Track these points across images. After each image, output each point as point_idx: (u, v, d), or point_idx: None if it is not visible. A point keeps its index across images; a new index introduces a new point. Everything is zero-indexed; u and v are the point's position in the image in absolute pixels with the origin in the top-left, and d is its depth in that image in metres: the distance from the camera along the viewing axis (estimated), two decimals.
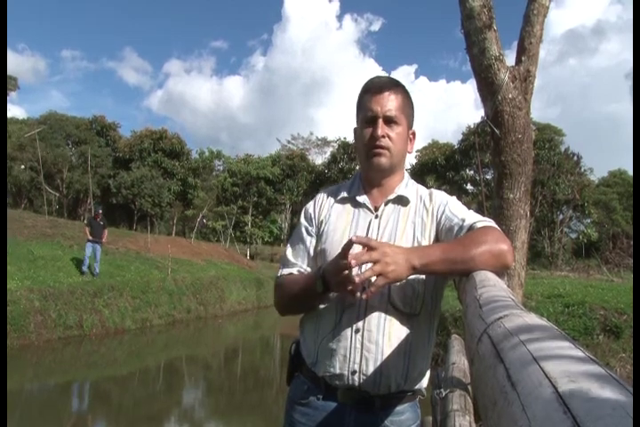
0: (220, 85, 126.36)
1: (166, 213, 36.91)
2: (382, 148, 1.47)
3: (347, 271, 1.27)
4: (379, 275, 1.22)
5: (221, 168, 46.18)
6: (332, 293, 1.39)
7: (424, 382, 1.55)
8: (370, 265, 1.24)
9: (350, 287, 1.29)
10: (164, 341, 14.15)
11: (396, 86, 1.51)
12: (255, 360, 13.49)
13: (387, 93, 1.48)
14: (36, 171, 30.00)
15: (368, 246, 1.25)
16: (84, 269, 13.92)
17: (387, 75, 1.78)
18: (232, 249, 30.03)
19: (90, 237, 14.04)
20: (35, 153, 27.31)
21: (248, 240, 38.76)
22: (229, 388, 10.33)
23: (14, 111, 65.18)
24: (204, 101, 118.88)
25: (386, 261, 1.22)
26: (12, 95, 38.01)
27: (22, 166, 31.59)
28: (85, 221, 15.33)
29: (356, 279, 1.24)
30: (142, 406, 8.51)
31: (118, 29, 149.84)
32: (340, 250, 1.44)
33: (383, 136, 1.46)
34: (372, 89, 1.50)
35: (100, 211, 15.08)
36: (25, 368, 9.92)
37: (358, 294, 1.29)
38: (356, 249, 1.29)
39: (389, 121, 1.47)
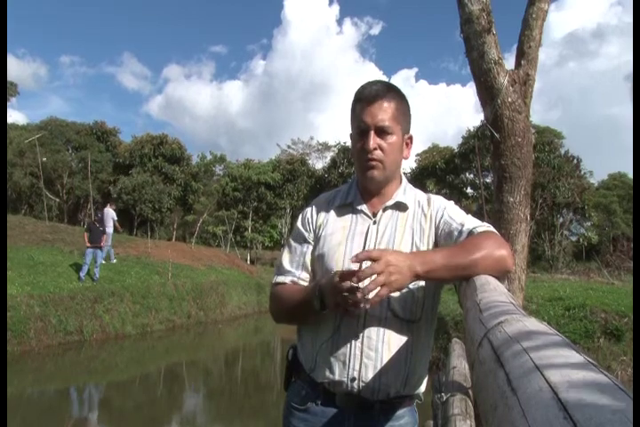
0: (219, 90, 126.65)
1: (166, 218, 36.84)
2: (374, 160, 1.46)
3: (345, 293, 1.25)
4: (382, 285, 1.20)
5: (222, 173, 46.19)
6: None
7: (422, 387, 1.55)
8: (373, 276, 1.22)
9: (350, 304, 1.27)
10: (164, 346, 14.11)
11: (388, 93, 1.47)
12: (256, 365, 13.46)
13: (378, 103, 1.45)
14: (36, 176, 30.00)
15: (370, 259, 1.23)
16: (82, 275, 13.80)
17: (383, 79, 1.76)
18: (232, 254, 30.00)
19: (88, 244, 13.95)
20: (35, 159, 27.33)
21: (248, 245, 38.71)
22: (231, 393, 10.31)
23: (15, 117, 65.29)
24: (204, 106, 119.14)
25: (389, 270, 1.20)
26: (12, 101, 38.04)
27: (22, 172, 31.59)
28: (85, 227, 15.34)
29: (359, 295, 1.23)
30: (145, 412, 8.49)
31: (117, 34, 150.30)
32: (337, 255, 1.45)
33: (375, 149, 1.44)
34: (364, 98, 1.47)
35: (100, 215, 15.09)
36: (25, 374, 9.89)
37: (362, 305, 1.26)
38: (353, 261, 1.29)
39: (382, 132, 1.45)
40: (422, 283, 1.41)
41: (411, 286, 1.37)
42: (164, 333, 14.74)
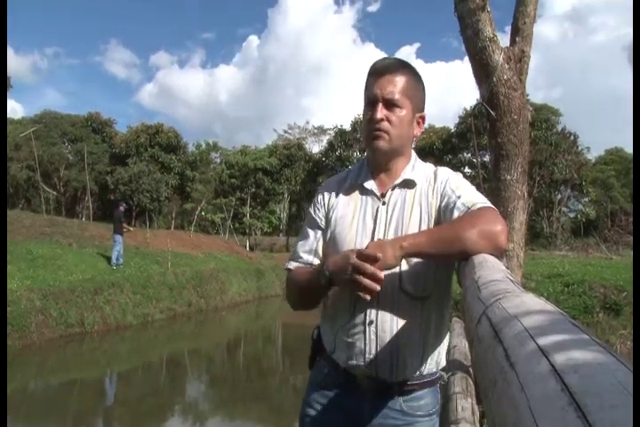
0: (211, 77, 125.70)
1: (164, 207, 36.80)
2: (380, 131, 1.46)
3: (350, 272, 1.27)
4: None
5: (219, 160, 46.11)
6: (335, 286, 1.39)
7: (442, 364, 1.56)
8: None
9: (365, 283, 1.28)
10: (166, 335, 14.19)
11: (401, 68, 1.48)
12: (259, 351, 13.56)
13: (389, 76, 1.46)
14: (32, 170, 29.95)
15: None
16: (121, 261, 15.10)
17: (393, 57, 1.77)
18: (231, 241, 30.04)
19: (120, 232, 15.21)
20: (31, 152, 27.22)
21: (247, 231, 38.77)
22: (235, 380, 10.37)
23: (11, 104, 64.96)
24: (196, 94, 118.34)
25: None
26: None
27: (19, 165, 31.50)
28: (121, 217, 15.81)
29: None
30: (151, 401, 8.54)
31: (101, 21, 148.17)
32: (348, 237, 1.49)
33: (382, 119, 1.45)
34: (375, 71, 1.48)
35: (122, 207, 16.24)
36: (28, 368, 9.94)
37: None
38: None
39: (390, 104, 1.45)
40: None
41: (420, 262, 1.39)
42: (165, 322, 14.81)
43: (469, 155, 37.72)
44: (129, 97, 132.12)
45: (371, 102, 1.48)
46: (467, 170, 38.81)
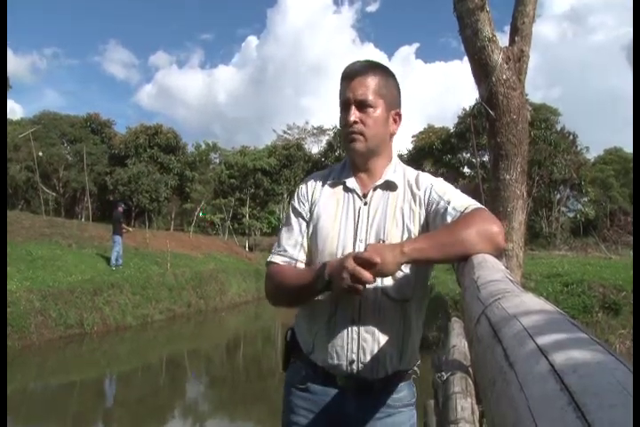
0: (210, 77, 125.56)
1: (164, 207, 36.71)
2: (355, 133, 1.48)
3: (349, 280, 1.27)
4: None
5: (218, 161, 46.02)
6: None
7: (417, 359, 1.59)
8: None
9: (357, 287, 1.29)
10: (166, 336, 14.17)
11: (371, 69, 1.50)
12: (258, 352, 13.56)
13: (359, 78, 1.48)
14: (31, 171, 29.93)
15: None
16: (120, 262, 15.05)
17: (383, 59, 1.79)
18: (231, 241, 30.04)
19: (119, 232, 15.15)
20: (30, 153, 27.19)
21: (246, 232, 38.70)
22: (235, 380, 10.38)
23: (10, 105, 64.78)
24: (195, 95, 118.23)
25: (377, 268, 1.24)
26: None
27: (18, 166, 31.45)
28: (119, 218, 15.71)
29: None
30: (151, 402, 8.53)
31: (100, 22, 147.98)
32: (331, 234, 1.49)
33: (355, 122, 1.47)
34: (347, 76, 1.51)
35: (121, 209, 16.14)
36: (28, 368, 9.92)
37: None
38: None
39: (363, 105, 1.48)
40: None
41: (402, 267, 1.38)
42: (164, 323, 14.79)
43: (468, 155, 37.66)
44: (128, 97, 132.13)
45: (344, 106, 1.50)
46: (466, 170, 38.84)
